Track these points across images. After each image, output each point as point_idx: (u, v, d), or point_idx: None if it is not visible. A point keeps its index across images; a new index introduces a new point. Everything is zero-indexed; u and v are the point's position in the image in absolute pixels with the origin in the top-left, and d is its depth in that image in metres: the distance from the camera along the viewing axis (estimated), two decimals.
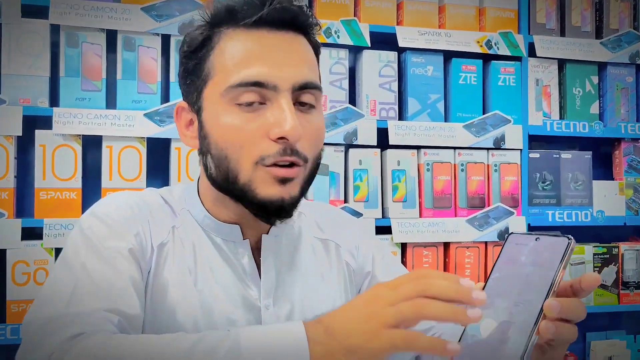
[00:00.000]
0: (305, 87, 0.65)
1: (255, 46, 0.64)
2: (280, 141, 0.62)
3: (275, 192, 0.63)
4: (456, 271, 1.63)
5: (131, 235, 0.65)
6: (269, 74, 0.63)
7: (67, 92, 1.42)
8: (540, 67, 1.74)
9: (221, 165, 0.65)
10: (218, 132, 0.64)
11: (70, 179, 1.40)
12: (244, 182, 0.64)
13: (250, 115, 0.63)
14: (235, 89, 0.63)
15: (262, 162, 0.63)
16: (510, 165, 1.68)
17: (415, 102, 1.64)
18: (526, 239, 0.54)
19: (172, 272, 0.67)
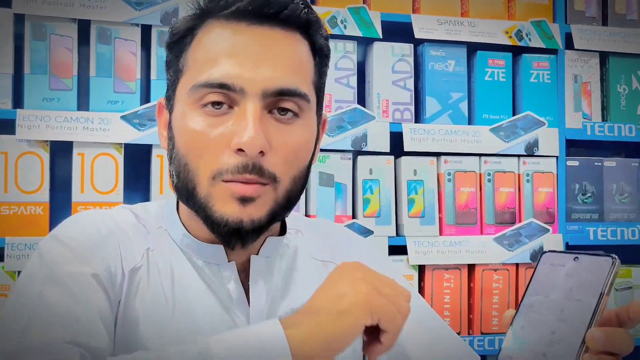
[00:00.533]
0: (280, 94, 0.63)
1: (228, 41, 0.64)
2: (239, 153, 0.61)
3: (232, 211, 0.63)
4: (482, 297, 1.60)
5: (97, 259, 0.64)
6: (236, 75, 0.62)
7: (32, 92, 1.40)
8: (578, 61, 1.71)
9: (181, 175, 0.65)
10: (181, 136, 0.65)
11: (35, 192, 1.38)
12: (201, 196, 0.64)
13: (215, 120, 0.63)
14: (201, 89, 0.63)
15: (220, 177, 0.62)
16: (545, 175, 1.65)
17: (434, 102, 1.61)
18: (563, 259, 0.53)
19: (145, 301, 0.66)
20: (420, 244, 1.54)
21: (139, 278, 0.67)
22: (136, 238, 0.69)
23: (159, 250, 0.69)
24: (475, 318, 1.59)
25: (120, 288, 0.66)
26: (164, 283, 0.68)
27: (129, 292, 0.66)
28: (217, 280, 0.69)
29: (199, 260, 0.69)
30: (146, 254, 0.68)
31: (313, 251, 0.78)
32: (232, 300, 0.69)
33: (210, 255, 0.69)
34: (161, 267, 0.68)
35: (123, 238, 0.68)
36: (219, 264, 0.69)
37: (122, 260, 0.67)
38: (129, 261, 0.67)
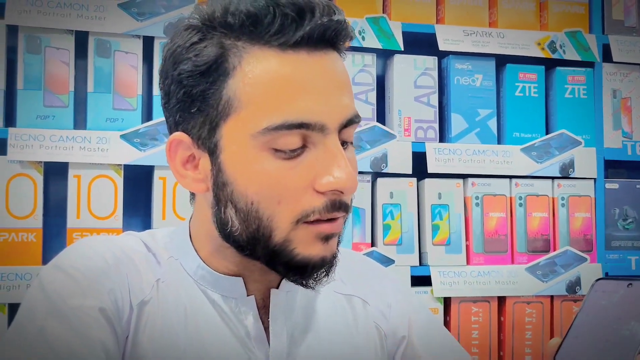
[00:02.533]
0: (350, 123, 0.62)
1: (295, 74, 0.60)
2: (329, 194, 0.60)
3: (317, 251, 0.62)
4: (514, 332, 1.56)
5: (104, 292, 0.63)
6: (318, 112, 0.59)
7: (25, 109, 1.38)
8: (617, 74, 1.69)
9: (250, 223, 0.62)
10: (249, 182, 0.61)
11: (28, 217, 1.36)
12: (277, 241, 0.62)
13: (291, 163, 0.61)
14: (275, 132, 0.59)
15: (305, 219, 0.61)
16: (582, 199, 1.63)
17: (460, 120, 1.59)
18: (616, 286, 0.53)
19: (155, 338, 0.64)
20: (445, 274, 1.52)
21: (148, 312, 0.65)
22: (145, 269, 0.68)
23: (170, 282, 0.68)
24: (506, 355, 1.56)
25: (128, 323, 0.64)
26: (176, 318, 0.66)
27: (137, 327, 0.65)
28: (234, 316, 0.67)
29: (214, 294, 0.67)
30: (156, 285, 0.67)
31: (335, 284, 0.75)
32: (250, 338, 0.67)
33: (227, 288, 0.67)
34: (172, 301, 0.67)
35: (131, 268, 0.67)
36: (236, 298, 0.67)
37: (130, 292, 0.65)
38: (138, 294, 0.65)
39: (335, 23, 0.61)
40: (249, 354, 0.67)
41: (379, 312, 0.76)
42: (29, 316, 0.61)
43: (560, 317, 1.57)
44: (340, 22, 0.62)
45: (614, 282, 0.53)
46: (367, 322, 0.75)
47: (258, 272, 0.66)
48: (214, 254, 0.68)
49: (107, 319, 0.62)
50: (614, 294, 0.52)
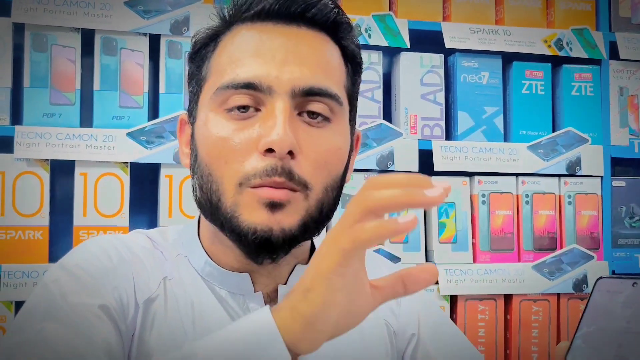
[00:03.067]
0: (311, 94, 0.62)
1: (252, 41, 0.64)
2: (268, 155, 0.60)
3: (261, 219, 0.61)
4: (520, 330, 1.56)
5: (107, 289, 0.63)
6: (263, 74, 0.61)
7: (32, 107, 1.38)
8: (624, 72, 1.67)
9: (204, 186, 0.64)
10: (204, 144, 0.64)
11: (34, 215, 1.35)
12: (227, 206, 0.62)
13: (241, 123, 0.62)
14: (225, 91, 0.62)
15: (247, 182, 0.61)
16: (589, 197, 1.62)
17: (466, 117, 1.58)
18: (620, 285, 0.52)
19: (162, 336, 0.64)
20: (452, 272, 1.51)
21: (155, 310, 0.65)
22: (152, 266, 0.68)
23: (178, 279, 0.68)
24: (512, 353, 1.55)
25: (134, 320, 0.64)
26: (183, 315, 0.66)
27: (143, 325, 0.65)
28: (242, 312, 0.67)
29: (222, 291, 0.68)
30: (163, 283, 0.67)
31: None
32: None
33: (235, 284, 0.68)
34: (180, 298, 0.67)
35: (137, 266, 0.67)
36: (244, 295, 0.68)
37: (136, 290, 0.65)
38: (144, 291, 0.66)
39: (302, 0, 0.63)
40: None
41: (388, 309, 0.76)
42: (29, 318, 0.61)
43: (567, 315, 1.57)
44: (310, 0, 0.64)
45: (617, 281, 0.52)
46: (377, 319, 0.74)
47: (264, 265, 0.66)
48: (216, 245, 0.68)
49: (110, 317, 0.61)
50: (618, 293, 0.52)
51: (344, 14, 0.67)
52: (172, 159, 1.39)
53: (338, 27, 0.67)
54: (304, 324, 0.48)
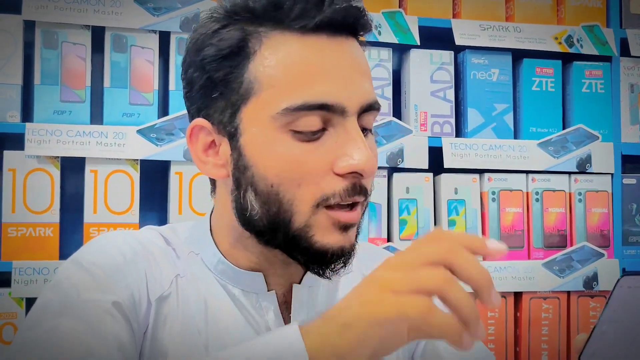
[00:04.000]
0: (370, 109, 0.62)
1: (316, 57, 0.61)
2: (348, 177, 0.60)
3: (336, 241, 0.61)
4: (530, 328, 1.56)
5: (120, 286, 0.63)
6: (338, 94, 0.60)
7: (43, 104, 1.38)
8: (635, 69, 1.68)
9: (270, 206, 0.62)
10: (269, 164, 0.61)
11: (45, 212, 1.36)
12: (298, 227, 0.61)
13: (312, 145, 0.60)
14: (294, 113, 0.59)
15: (325, 203, 0.60)
16: (599, 194, 1.62)
17: (476, 114, 1.59)
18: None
19: (175, 333, 0.64)
20: None
21: (168, 307, 0.65)
22: (164, 263, 0.67)
23: (190, 277, 0.68)
24: (522, 351, 1.55)
25: (146, 318, 0.64)
26: (196, 313, 0.66)
27: (155, 322, 0.64)
28: (254, 311, 0.67)
29: (235, 289, 0.67)
30: (175, 280, 0.67)
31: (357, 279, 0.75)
32: None
33: (248, 283, 0.67)
34: (192, 296, 0.67)
35: (150, 263, 0.66)
36: (257, 293, 0.67)
37: (148, 287, 0.65)
38: (156, 289, 0.65)
39: (354, 9, 0.62)
40: None
41: None
42: (42, 314, 0.61)
43: (577, 313, 1.57)
44: (360, 9, 0.63)
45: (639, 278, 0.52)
46: None
47: (279, 265, 0.66)
48: (235, 245, 0.67)
49: (123, 314, 0.61)
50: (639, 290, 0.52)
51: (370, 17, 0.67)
52: (182, 156, 1.39)
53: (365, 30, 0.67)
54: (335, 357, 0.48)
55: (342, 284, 0.74)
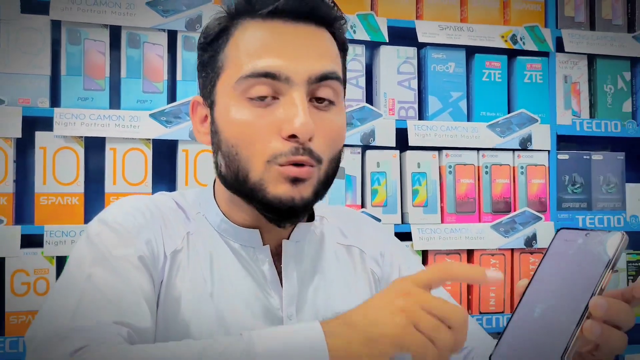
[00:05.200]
0: (323, 79, 0.62)
1: (268, 37, 0.62)
2: (291, 139, 0.60)
3: (285, 191, 0.61)
4: None
5: (142, 242, 0.63)
6: (281, 65, 0.60)
7: (68, 92, 1.38)
8: (568, 62, 1.68)
9: (231, 163, 0.63)
10: (229, 127, 0.63)
11: (72, 183, 1.36)
12: (254, 181, 0.62)
13: (262, 110, 0.61)
14: (246, 80, 0.61)
15: (275, 161, 0.61)
16: (538, 168, 1.63)
17: (436, 101, 1.59)
18: (576, 235, 0.52)
19: (186, 282, 0.65)
20: (423, 231, 1.52)
21: (180, 260, 0.66)
22: (177, 223, 0.67)
23: (198, 234, 0.68)
24: (474, 299, 1.58)
25: (163, 269, 0.64)
26: (203, 265, 0.66)
27: (170, 273, 0.65)
28: (252, 262, 0.67)
29: (235, 244, 0.68)
30: (186, 237, 0.67)
31: (337, 237, 0.76)
32: (267, 281, 0.67)
33: (246, 238, 0.68)
34: (200, 250, 0.67)
35: (165, 222, 0.66)
36: (254, 247, 0.68)
37: (164, 243, 0.65)
38: (170, 244, 0.66)
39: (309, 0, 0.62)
40: (266, 295, 0.66)
41: (373, 260, 0.76)
42: (79, 265, 0.61)
43: (519, 267, 1.59)
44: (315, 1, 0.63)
45: (574, 232, 0.53)
46: (364, 268, 0.75)
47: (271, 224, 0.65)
48: (231, 206, 0.68)
49: (145, 266, 0.62)
50: (573, 242, 0.52)
51: (340, 10, 0.67)
52: (188, 136, 1.39)
53: (335, 22, 0.66)
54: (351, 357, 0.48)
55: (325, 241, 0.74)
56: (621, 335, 0.48)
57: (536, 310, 0.49)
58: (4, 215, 1.30)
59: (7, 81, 1.33)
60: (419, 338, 0.46)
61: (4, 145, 1.31)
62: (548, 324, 0.48)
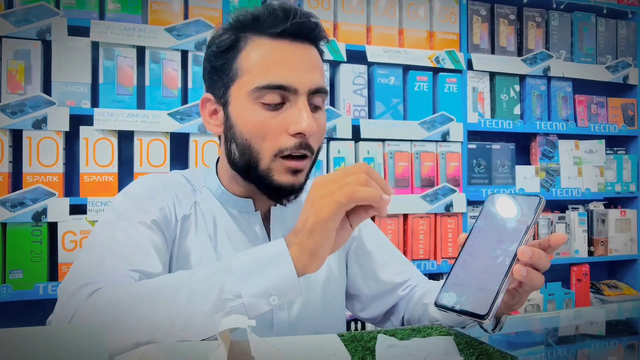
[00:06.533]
0: (317, 92, 0.62)
1: (279, 54, 0.60)
2: (297, 136, 0.59)
3: (288, 180, 0.60)
4: (413, 236, 1.65)
5: (156, 209, 0.62)
6: (291, 79, 0.60)
7: (105, 96, 1.41)
8: (476, 77, 1.77)
9: (244, 153, 0.61)
10: (244, 125, 0.61)
11: (108, 166, 1.40)
12: (262, 169, 0.60)
13: (273, 113, 0.60)
14: (261, 90, 0.60)
15: (280, 154, 0.60)
16: (454, 154, 1.69)
17: (381, 105, 1.64)
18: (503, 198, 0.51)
19: (194, 240, 0.64)
20: None
21: (189, 223, 0.65)
22: (186, 194, 0.66)
23: (204, 202, 0.66)
24: (408, 249, 1.65)
25: (175, 230, 0.63)
26: (208, 226, 0.65)
27: (181, 233, 0.64)
28: (247, 224, 0.66)
29: (233, 210, 0.67)
30: (194, 205, 0.66)
31: None
32: (258, 239, 0.67)
33: (242, 206, 0.67)
34: (206, 215, 0.65)
35: (176, 193, 0.65)
36: (248, 213, 0.67)
37: (176, 209, 0.64)
38: (181, 211, 0.64)
39: (310, 23, 0.61)
40: None
41: None
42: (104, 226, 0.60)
43: (441, 227, 1.67)
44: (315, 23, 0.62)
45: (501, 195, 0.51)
46: None
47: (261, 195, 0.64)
48: (230, 180, 0.67)
49: (158, 227, 0.61)
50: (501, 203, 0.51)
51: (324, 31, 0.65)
52: (197, 130, 1.42)
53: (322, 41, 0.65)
54: (310, 255, 0.47)
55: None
56: (540, 275, 0.48)
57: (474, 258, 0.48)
58: (56, 189, 1.35)
59: (58, 87, 1.37)
60: (340, 191, 0.46)
61: (55, 136, 1.36)
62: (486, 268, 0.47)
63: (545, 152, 1.86)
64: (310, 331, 0.64)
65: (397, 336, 0.54)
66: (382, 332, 0.54)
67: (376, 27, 1.65)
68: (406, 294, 0.75)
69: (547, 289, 1.83)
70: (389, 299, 0.74)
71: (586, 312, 0.96)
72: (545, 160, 1.85)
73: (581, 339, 0.65)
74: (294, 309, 0.65)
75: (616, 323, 0.74)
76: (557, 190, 1.84)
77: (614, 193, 1.93)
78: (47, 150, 1.34)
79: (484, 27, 1.78)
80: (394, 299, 0.75)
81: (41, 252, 1.34)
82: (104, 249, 0.56)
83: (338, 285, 0.73)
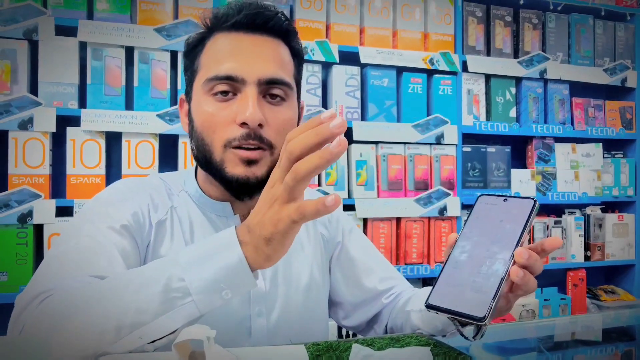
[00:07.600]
0: (272, 82, 0.61)
1: (229, 45, 0.61)
2: (244, 126, 0.59)
3: (242, 172, 0.60)
4: (405, 240, 1.64)
5: (128, 214, 0.61)
6: (238, 69, 0.60)
7: (92, 97, 1.40)
8: (471, 80, 1.76)
9: (200, 147, 0.62)
10: (198, 118, 0.62)
11: (95, 167, 1.39)
12: (216, 161, 0.60)
13: (223, 104, 0.60)
14: (211, 82, 0.60)
15: (230, 145, 0.59)
16: (448, 157, 1.69)
17: (374, 107, 1.63)
18: (495, 200, 0.50)
19: (168, 246, 0.63)
20: (364, 203, 1.56)
21: (165, 228, 0.63)
22: (163, 198, 0.65)
23: (181, 207, 0.65)
24: (401, 253, 1.65)
25: (149, 235, 0.62)
26: (185, 232, 0.64)
27: (155, 239, 0.62)
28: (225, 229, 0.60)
29: (212, 214, 0.66)
30: (170, 210, 0.65)
31: None
32: None
33: (220, 210, 0.66)
34: (183, 220, 0.64)
35: (152, 197, 0.64)
36: (227, 217, 0.66)
37: (151, 214, 0.63)
38: (156, 215, 0.63)
39: (264, 14, 0.61)
40: None
41: (323, 225, 0.76)
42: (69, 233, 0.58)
43: (434, 230, 1.66)
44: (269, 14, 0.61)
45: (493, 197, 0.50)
46: (315, 232, 0.74)
47: None
48: (206, 182, 0.65)
49: (128, 232, 0.60)
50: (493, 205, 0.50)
51: (292, 24, 0.65)
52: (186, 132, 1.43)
53: (288, 34, 0.64)
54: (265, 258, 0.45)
55: None
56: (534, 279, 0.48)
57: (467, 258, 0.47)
58: (42, 191, 1.33)
59: (45, 88, 1.35)
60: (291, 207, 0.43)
61: (41, 137, 1.34)
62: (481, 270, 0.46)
63: (541, 156, 1.85)
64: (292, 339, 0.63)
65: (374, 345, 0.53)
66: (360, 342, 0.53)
67: (370, 28, 1.64)
68: (390, 302, 0.74)
69: (543, 294, 1.82)
70: (372, 307, 0.74)
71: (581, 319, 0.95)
72: (542, 164, 1.85)
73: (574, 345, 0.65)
74: (273, 315, 0.64)
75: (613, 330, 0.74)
76: (554, 194, 1.84)
77: (611, 197, 1.93)
78: (33, 152, 1.33)
79: (479, 29, 1.78)
80: (377, 306, 0.75)
81: (27, 254, 1.33)
82: (64, 257, 0.54)
83: (320, 291, 0.72)
